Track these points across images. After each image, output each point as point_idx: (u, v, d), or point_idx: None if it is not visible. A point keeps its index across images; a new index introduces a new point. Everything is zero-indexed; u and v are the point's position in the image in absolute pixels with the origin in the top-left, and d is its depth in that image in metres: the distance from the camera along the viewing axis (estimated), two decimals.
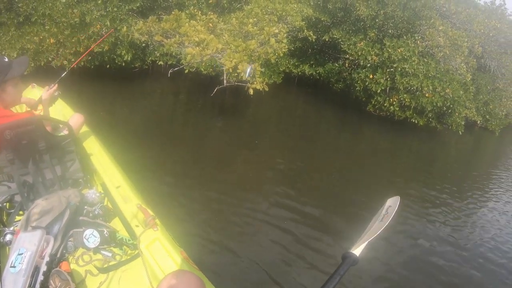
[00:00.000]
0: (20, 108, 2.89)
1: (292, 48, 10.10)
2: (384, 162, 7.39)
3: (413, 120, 9.33)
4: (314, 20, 10.19)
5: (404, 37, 9.55)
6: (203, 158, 5.45)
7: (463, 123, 9.79)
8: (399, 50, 8.60)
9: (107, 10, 7.23)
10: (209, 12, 7.39)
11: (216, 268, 2.93)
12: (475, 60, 10.02)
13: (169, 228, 2.05)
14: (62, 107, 3.07)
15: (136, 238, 1.89)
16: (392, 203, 1.01)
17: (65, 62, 7.00)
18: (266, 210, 4.17)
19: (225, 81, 6.30)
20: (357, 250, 0.89)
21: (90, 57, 7.47)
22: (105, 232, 1.82)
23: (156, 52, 8.26)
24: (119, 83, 8.09)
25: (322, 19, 10.19)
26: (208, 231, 3.49)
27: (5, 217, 1.97)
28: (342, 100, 10.97)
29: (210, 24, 6.70)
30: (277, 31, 6.25)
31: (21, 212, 2.00)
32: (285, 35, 6.31)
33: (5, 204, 2.01)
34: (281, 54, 6.17)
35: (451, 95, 8.89)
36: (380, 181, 6.06)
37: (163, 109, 7.82)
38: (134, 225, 2.00)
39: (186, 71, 6.66)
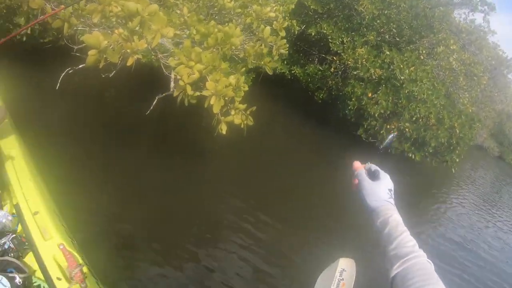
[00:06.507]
0: None
1: None
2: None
3: (410, 155, 7.41)
4: (299, 7, 7.73)
5: (408, 48, 7.57)
6: (143, 191, 4.07)
7: (458, 160, 8.21)
8: (411, 69, 6.52)
9: None
10: None
11: None
12: (478, 90, 8.45)
13: (102, 276, 1.65)
14: None
15: None
16: (346, 267, 0.83)
17: None
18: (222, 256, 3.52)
19: (172, 87, 3.58)
20: None
21: None
22: (17, 280, 1.43)
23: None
24: (24, 64, 5.00)
25: (311, 7, 7.69)
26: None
27: None
28: (324, 115, 8.55)
29: None
30: (273, 14, 3.66)
31: None
32: (284, 23, 3.74)
33: None
34: (280, 56, 3.64)
35: (457, 131, 7.15)
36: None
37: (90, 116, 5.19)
38: (55, 276, 1.54)
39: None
